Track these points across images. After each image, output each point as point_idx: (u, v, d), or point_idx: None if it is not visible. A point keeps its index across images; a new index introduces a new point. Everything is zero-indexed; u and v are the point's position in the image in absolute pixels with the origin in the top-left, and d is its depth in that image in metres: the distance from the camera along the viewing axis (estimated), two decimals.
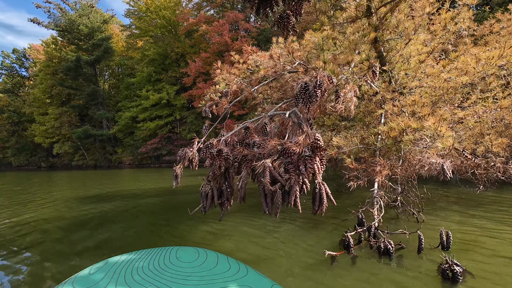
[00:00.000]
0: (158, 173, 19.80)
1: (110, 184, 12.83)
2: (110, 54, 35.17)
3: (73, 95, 38.70)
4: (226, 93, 4.61)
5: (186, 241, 4.19)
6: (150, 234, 4.70)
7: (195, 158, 2.84)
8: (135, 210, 6.74)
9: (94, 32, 36.16)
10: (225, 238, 4.30)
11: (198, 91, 26.40)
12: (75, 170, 29.74)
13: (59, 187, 12.28)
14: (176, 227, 5.06)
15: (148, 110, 32.47)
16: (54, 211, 6.78)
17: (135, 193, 9.60)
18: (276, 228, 4.75)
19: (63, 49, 38.44)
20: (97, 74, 37.70)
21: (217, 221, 5.21)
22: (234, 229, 4.78)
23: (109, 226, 5.26)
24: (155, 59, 32.45)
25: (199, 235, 4.52)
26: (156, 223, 5.42)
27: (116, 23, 45.87)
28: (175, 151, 31.76)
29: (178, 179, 2.66)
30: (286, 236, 4.29)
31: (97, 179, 15.96)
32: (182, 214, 5.96)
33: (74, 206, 7.45)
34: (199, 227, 4.98)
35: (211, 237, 4.40)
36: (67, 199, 8.66)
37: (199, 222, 5.26)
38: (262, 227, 4.87)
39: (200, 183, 2.98)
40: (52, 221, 5.81)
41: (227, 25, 26.01)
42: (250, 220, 5.36)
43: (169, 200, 8.06)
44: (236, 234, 4.49)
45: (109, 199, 8.40)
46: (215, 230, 4.77)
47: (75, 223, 5.56)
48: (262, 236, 4.37)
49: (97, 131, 34.72)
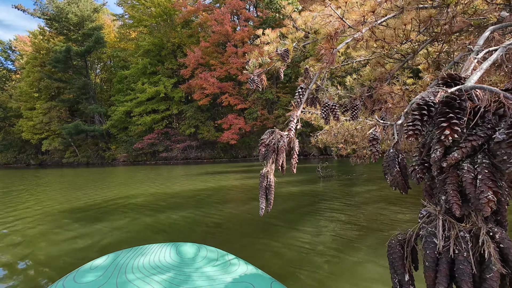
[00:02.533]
0: (155, 171, 18.30)
1: (114, 187, 11.34)
2: (102, 44, 33.14)
3: (63, 89, 36.60)
4: (285, 53, 3.18)
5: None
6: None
7: (295, 147, 1.52)
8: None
9: (84, 21, 34.05)
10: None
11: (199, 81, 24.85)
12: (66, 168, 27.94)
13: (42, 194, 10.75)
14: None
15: (144, 104, 30.76)
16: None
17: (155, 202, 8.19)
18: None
19: (51, 40, 36.23)
20: (88, 67, 35.64)
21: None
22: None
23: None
24: (151, 50, 30.65)
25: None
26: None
27: (107, 15, 43.69)
28: (172, 147, 30.24)
29: (271, 197, 1.31)
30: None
31: (90, 181, 14.42)
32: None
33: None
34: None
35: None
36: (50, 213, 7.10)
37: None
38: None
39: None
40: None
41: (228, 14, 24.44)
42: None
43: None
44: None
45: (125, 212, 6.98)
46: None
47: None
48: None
49: (89, 127, 32.85)
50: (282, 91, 27.26)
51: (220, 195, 7.34)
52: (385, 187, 7.27)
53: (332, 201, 6.02)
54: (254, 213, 5.18)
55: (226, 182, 10.10)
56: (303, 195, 6.92)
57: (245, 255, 2.56)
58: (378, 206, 5.33)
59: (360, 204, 5.59)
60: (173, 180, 11.33)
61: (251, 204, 6.10)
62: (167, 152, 30.37)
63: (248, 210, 5.54)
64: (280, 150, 1.49)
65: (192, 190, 8.32)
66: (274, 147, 1.51)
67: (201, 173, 14.01)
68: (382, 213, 4.83)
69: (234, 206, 6.04)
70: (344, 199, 6.20)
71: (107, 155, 33.59)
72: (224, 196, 7.31)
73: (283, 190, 7.62)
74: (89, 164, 33.85)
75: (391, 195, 6.31)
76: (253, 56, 3.47)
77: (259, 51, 3.54)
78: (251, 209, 5.59)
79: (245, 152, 28.42)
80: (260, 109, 26.08)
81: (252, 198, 6.74)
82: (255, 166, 18.14)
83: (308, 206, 5.69)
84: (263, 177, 1.38)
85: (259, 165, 18.84)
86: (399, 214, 4.74)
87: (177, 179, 11.64)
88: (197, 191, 8.20)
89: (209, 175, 13.08)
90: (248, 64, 3.57)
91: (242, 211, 5.51)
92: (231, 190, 8.17)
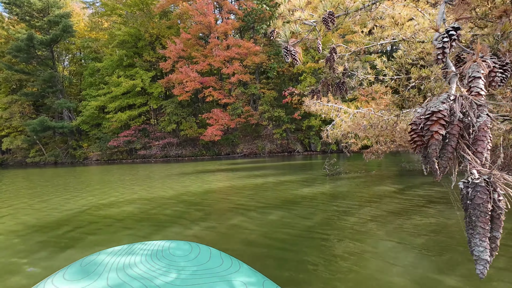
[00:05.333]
0: (133, 171, 16.95)
1: (89, 191, 10.06)
2: (71, 33, 30.48)
3: (26, 81, 33.32)
4: (330, 16, 2.57)
5: None
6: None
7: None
8: None
9: (50, 7, 31.12)
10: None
11: (179, 76, 23.52)
12: (30, 168, 25.37)
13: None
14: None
15: (119, 98, 28.76)
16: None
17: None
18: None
19: (11, 27, 32.78)
20: (54, 58, 32.68)
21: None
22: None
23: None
24: (126, 40, 28.65)
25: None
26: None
27: (76, 2, 40.47)
28: (151, 144, 28.62)
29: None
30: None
31: (60, 185, 12.96)
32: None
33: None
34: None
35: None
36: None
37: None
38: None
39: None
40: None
41: (211, 4, 23.32)
42: None
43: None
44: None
45: None
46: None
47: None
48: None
49: (56, 123, 30.15)
50: (266, 87, 26.67)
51: (230, 201, 6.53)
52: (411, 187, 6.71)
53: (372, 207, 5.18)
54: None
55: (235, 182, 9.16)
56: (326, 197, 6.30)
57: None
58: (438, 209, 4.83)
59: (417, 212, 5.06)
60: (161, 181, 10.30)
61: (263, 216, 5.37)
62: (145, 150, 28.70)
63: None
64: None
65: (183, 194, 7.43)
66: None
67: (188, 173, 13.04)
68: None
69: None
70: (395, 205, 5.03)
71: (78, 154, 31.13)
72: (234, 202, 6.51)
73: (292, 193, 6.94)
74: (57, 163, 31.17)
75: (433, 194, 5.58)
76: (278, 25, 2.78)
77: (283, 20, 2.86)
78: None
79: (228, 149, 27.56)
80: (244, 105, 25.31)
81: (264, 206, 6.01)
82: (246, 163, 17.39)
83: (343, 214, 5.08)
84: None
85: (246, 162, 18.12)
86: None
87: (165, 180, 10.63)
88: (193, 195, 7.30)
89: (199, 174, 12.16)
90: (271, 34, 2.87)
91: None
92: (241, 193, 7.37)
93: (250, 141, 27.57)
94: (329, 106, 4.23)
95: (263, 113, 24.81)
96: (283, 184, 7.77)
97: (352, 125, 4.10)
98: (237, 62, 23.24)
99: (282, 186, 7.32)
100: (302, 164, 15.42)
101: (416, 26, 3.24)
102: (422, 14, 3.41)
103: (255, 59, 23.26)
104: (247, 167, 14.60)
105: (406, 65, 2.84)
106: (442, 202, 4.89)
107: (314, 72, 22.83)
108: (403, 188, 6.15)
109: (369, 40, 3.25)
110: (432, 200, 5.07)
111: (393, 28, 3.11)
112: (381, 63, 3.41)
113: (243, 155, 26.17)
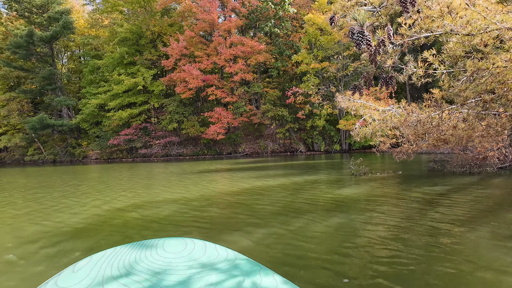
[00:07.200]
0: (135, 170, 16.68)
1: (89, 192, 9.77)
2: (71, 30, 30.05)
3: (24, 78, 32.84)
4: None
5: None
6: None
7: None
8: None
9: (50, 3, 30.68)
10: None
11: (181, 74, 23.24)
12: (29, 166, 24.95)
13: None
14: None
15: (120, 96, 28.39)
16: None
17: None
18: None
19: (10, 24, 32.29)
20: (53, 55, 32.23)
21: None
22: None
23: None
24: (128, 38, 28.28)
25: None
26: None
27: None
28: (151, 143, 28.29)
29: None
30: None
31: (58, 186, 12.67)
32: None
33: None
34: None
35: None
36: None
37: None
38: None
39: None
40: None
41: (216, 2, 23.08)
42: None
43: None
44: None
45: None
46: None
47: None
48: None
49: (56, 121, 29.70)
50: (269, 86, 26.48)
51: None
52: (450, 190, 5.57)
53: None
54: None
55: (256, 182, 8.19)
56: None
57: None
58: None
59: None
60: (193, 180, 9.50)
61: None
62: (146, 149, 28.35)
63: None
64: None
65: (192, 199, 7.15)
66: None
67: (194, 172, 12.80)
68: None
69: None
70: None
71: (77, 152, 30.71)
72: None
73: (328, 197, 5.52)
74: (56, 162, 30.73)
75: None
76: (338, 7, 2.61)
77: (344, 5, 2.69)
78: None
79: (230, 148, 27.30)
80: (247, 104, 25.10)
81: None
82: (249, 163, 17.19)
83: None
84: None
85: (248, 162, 17.92)
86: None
87: (176, 180, 10.39)
88: (203, 199, 6.39)
89: (208, 174, 11.94)
90: (331, 20, 2.68)
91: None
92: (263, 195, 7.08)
93: (252, 141, 27.34)
94: (359, 103, 4.04)
95: (266, 112, 24.61)
96: (311, 184, 7.22)
97: (397, 122, 3.90)
98: (241, 61, 23.01)
99: (312, 187, 6.76)
100: (315, 163, 15.22)
101: (464, 18, 3.05)
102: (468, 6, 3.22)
103: (259, 57, 23.05)
104: (257, 166, 14.37)
105: (459, 58, 2.66)
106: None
107: (318, 72, 22.68)
108: (451, 189, 5.49)
109: (414, 33, 3.05)
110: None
111: (441, 19, 2.90)
112: (431, 57, 3.18)
113: (245, 155, 25.93)
